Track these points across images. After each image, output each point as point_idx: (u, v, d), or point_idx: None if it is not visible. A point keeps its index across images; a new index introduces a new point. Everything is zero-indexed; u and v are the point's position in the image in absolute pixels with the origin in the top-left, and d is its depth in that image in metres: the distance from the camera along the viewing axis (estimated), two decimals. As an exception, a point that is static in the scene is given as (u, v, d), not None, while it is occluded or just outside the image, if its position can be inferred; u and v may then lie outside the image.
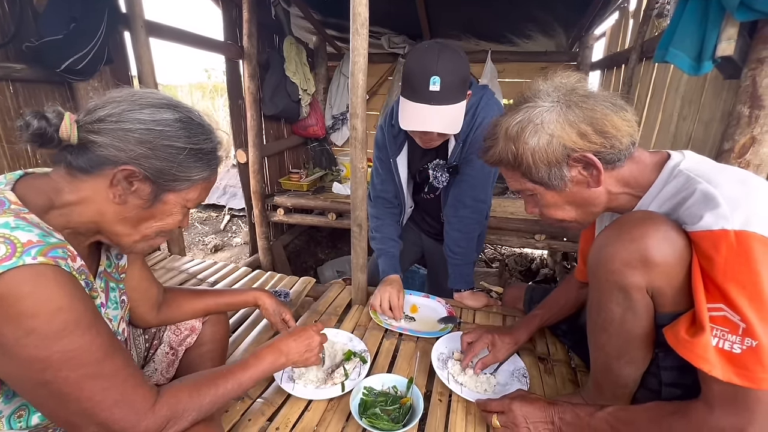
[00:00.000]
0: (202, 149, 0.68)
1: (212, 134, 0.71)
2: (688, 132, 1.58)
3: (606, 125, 0.72)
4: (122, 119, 0.62)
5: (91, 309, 0.60)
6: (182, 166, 0.66)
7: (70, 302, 0.56)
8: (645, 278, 0.71)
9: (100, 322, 0.61)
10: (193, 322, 1.02)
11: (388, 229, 1.59)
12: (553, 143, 0.74)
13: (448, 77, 1.15)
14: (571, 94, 0.75)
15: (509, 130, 0.77)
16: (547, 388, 1.11)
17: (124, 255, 0.85)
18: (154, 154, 0.63)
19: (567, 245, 2.57)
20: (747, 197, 0.65)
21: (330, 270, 3.21)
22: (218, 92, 6.63)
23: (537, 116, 0.75)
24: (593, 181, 0.77)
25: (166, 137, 0.64)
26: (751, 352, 0.61)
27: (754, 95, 1.02)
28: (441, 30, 3.18)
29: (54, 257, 0.56)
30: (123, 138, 0.61)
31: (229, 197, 4.56)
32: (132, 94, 0.65)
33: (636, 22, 2.36)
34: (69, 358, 0.56)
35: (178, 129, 0.65)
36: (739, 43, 1.01)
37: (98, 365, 0.59)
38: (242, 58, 2.66)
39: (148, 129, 0.62)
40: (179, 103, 0.69)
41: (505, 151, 0.79)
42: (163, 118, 0.64)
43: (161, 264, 1.89)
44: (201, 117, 0.70)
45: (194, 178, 0.68)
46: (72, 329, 0.56)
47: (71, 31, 1.46)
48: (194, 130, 0.67)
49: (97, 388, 0.59)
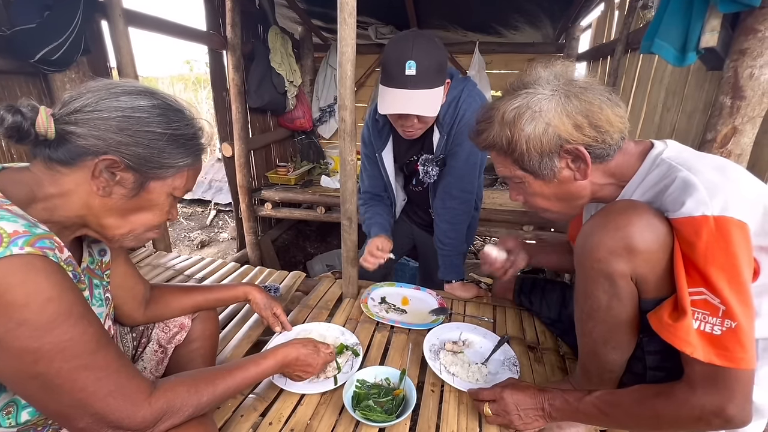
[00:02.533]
0: (183, 134, 0.67)
1: (192, 120, 0.70)
2: (672, 122, 1.60)
3: (600, 119, 0.73)
4: (99, 108, 0.61)
5: (81, 300, 0.59)
6: (164, 153, 0.65)
7: (60, 292, 0.55)
8: (629, 265, 0.72)
9: (91, 313, 0.60)
10: (182, 319, 1.00)
11: (376, 208, 1.62)
12: (549, 132, 0.74)
13: (423, 62, 1.18)
14: (570, 85, 0.75)
15: (506, 115, 0.77)
16: (537, 376, 1.13)
17: (107, 252, 0.83)
18: (134, 141, 0.62)
19: (555, 236, 2.61)
20: (725, 184, 0.67)
21: (319, 264, 3.20)
22: (201, 84, 6.48)
23: (536, 103, 0.75)
24: (580, 175, 0.78)
25: (145, 123, 0.63)
26: (731, 333, 0.63)
27: (736, 86, 1.03)
28: (429, 20, 3.15)
29: (41, 248, 0.55)
30: (101, 127, 0.60)
31: (214, 192, 4.48)
32: (108, 84, 0.64)
33: (621, 13, 2.38)
34: (61, 349, 0.55)
35: (157, 115, 0.64)
36: (722, 34, 1.03)
37: (91, 356, 0.58)
38: (226, 48, 2.59)
39: (125, 116, 0.61)
40: (156, 90, 0.68)
41: (500, 135, 0.78)
42: (140, 105, 0.63)
43: (147, 261, 1.85)
44: (179, 103, 0.70)
45: (178, 164, 0.67)
46: (63, 320, 0.55)
47: (45, 19, 1.40)
48: (173, 115, 0.66)
49: (91, 379, 0.58)
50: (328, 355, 1.02)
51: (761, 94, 1.02)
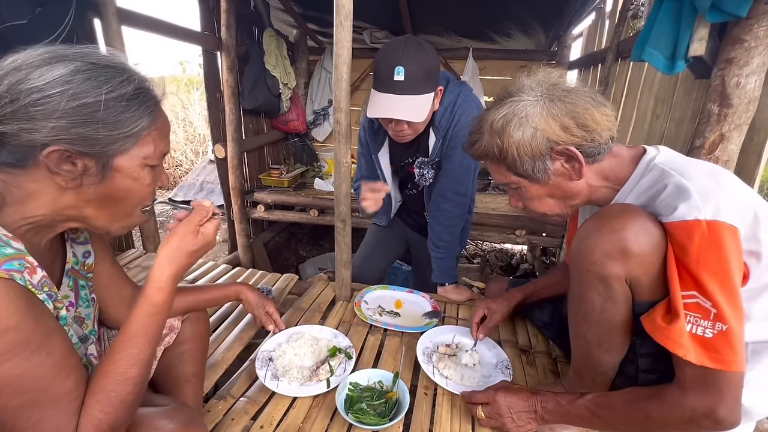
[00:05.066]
0: (122, 95, 0.57)
1: (129, 72, 0.59)
2: (661, 129, 1.64)
3: (587, 119, 0.74)
4: (15, 96, 0.51)
5: (42, 328, 0.54)
6: (110, 124, 0.56)
7: (18, 321, 0.50)
8: (624, 268, 0.73)
9: (54, 341, 0.55)
10: (171, 321, 0.99)
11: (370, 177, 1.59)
12: (537, 136, 0.75)
13: (412, 68, 1.20)
14: (553, 89, 0.77)
15: (494, 124, 0.79)
16: (529, 379, 1.13)
17: (91, 254, 0.79)
18: (69, 122, 0.53)
19: (546, 240, 2.64)
20: (717, 189, 0.68)
21: (312, 267, 3.18)
22: (193, 85, 6.42)
23: (521, 110, 0.76)
24: (575, 174, 0.79)
25: (71, 97, 0.53)
26: (722, 336, 0.64)
27: (723, 94, 1.06)
28: (423, 26, 3.18)
29: (8, 270, 0.50)
30: (26, 117, 0.51)
31: (206, 193, 4.44)
32: (14, 62, 0.54)
33: (612, 22, 2.42)
34: (9, 384, 0.51)
35: (81, 82, 0.54)
36: (710, 43, 1.06)
37: (41, 392, 0.53)
38: (220, 49, 2.58)
39: (46, 96, 0.52)
40: (72, 50, 0.56)
41: (491, 144, 0.80)
42: (56, 76, 0.53)
43: (136, 262, 1.82)
44: (108, 58, 0.58)
45: (135, 130, 0.59)
46: (17, 352, 0.50)
47: (36, 16, 1.39)
48: (102, 75, 0.56)
49: (35, 419, 0.53)
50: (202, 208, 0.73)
51: (747, 102, 1.05)
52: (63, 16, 1.46)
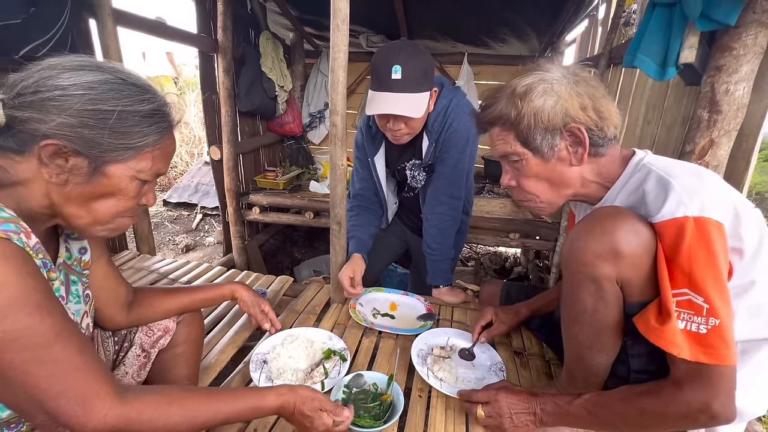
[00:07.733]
0: (138, 111, 0.60)
1: (152, 94, 0.63)
2: (653, 135, 1.66)
3: (602, 106, 0.78)
4: (39, 88, 0.56)
5: (42, 287, 0.55)
6: (117, 133, 0.59)
7: (17, 278, 0.52)
8: (615, 269, 0.74)
9: (53, 303, 0.56)
10: (166, 323, 0.98)
11: (360, 218, 1.63)
12: (557, 107, 0.77)
13: (408, 67, 1.24)
14: (576, 74, 0.80)
15: (517, 89, 0.81)
16: (522, 381, 1.14)
17: (87, 251, 0.80)
18: (79, 122, 0.56)
19: (539, 243, 2.65)
20: (701, 186, 0.70)
21: (307, 270, 3.17)
22: (189, 87, 6.40)
23: (548, 80, 0.79)
24: (576, 160, 0.81)
25: (89, 101, 0.56)
26: (715, 331, 0.66)
27: (713, 101, 1.08)
28: (419, 30, 3.20)
29: (5, 230, 0.52)
30: (41, 108, 0.55)
31: (201, 195, 4.41)
32: (51, 62, 0.58)
33: (604, 29, 2.46)
34: (13, 339, 0.51)
35: (105, 91, 0.58)
36: (700, 51, 1.08)
37: (45, 349, 0.53)
38: (216, 51, 2.58)
39: (67, 95, 0.56)
40: (107, 64, 0.61)
41: (508, 107, 0.81)
42: (84, 81, 0.57)
43: (130, 264, 1.80)
44: (138, 78, 0.63)
45: (137, 145, 0.61)
46: (18, 307, 0.52)
47: (30, 15, 1.38)
48: (126, 90, 0.60)
49: (43, 374, 0.53)
50: (339, 417, 0.79)
51: (736, 108, 1.07)
52: (58, 16, 1.45)
